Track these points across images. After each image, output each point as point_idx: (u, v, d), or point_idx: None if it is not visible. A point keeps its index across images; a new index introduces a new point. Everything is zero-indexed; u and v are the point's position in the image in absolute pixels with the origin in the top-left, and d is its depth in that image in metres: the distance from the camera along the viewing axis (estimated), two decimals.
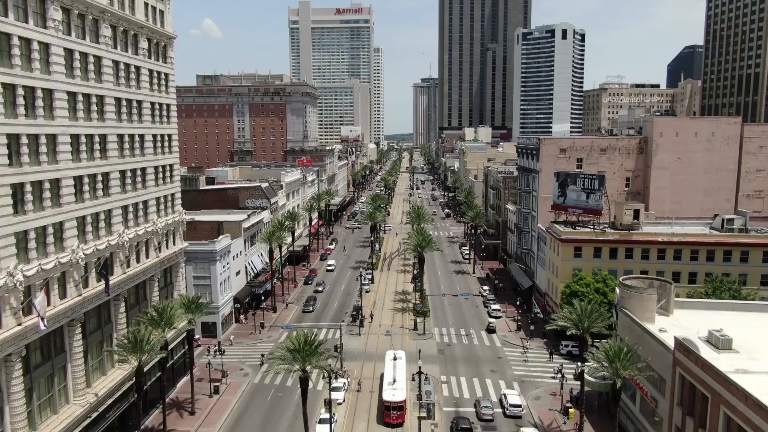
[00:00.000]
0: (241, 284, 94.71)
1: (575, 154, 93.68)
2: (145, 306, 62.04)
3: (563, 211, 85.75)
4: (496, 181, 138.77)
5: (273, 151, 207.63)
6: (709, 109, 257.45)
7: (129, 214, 57.02)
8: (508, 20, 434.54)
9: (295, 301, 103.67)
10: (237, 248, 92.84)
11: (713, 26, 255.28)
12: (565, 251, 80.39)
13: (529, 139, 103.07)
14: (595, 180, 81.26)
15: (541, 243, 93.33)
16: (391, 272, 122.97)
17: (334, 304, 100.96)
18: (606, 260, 79.56)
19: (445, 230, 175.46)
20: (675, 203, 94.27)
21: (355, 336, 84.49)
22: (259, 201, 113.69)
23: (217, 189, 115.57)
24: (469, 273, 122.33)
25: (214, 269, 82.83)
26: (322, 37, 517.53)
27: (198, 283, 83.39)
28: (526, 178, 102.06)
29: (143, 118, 60.21)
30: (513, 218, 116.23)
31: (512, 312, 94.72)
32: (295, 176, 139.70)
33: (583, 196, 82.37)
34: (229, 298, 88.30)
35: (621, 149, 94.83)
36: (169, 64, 66.43)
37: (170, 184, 67.03)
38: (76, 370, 48.14)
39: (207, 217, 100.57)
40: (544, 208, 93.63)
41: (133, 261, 57.92)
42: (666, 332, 53.14)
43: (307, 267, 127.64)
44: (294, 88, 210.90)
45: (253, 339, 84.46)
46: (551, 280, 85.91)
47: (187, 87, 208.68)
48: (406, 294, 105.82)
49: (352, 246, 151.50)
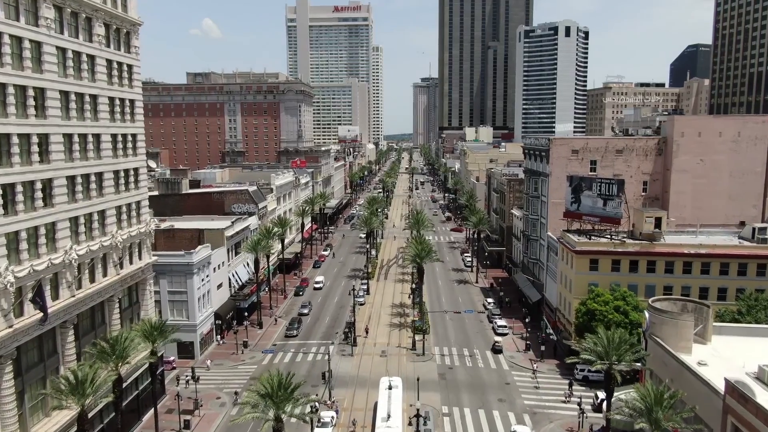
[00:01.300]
0: (224, 298, 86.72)
1: (588, 156, 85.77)
2: (104, 331, 54.09)
3: (577, 219, 77.76)
4: (499, 183, 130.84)
5: (266, 152, 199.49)
6: (718, 108, 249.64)
7: (80, 227, 49.03)
8: (509, 18, 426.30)
9: (284, 314, 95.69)
10: (219, 258, 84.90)
11: (722, 24, 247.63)
12: (579, 264, 72.42)
13: (537, 139, 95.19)
14: (614, 185, 73.29)
15: (551, 253, 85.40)
16: (389, 282, 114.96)
17: (325, 319, 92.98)
18: (625, 274, 71.65)
19: (445, 235, 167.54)
20: (697, 209, 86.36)
21: (347, 357, 76.50)
22: (246, 206, 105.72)
23: (201, 193, 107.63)
24: (471, 282, 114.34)
25: (191, 283, 74.87)
26: (320, 36, 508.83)
27: (174, 299, 75.53)
28: (534, 181, 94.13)
29: (99, 115, 52.24)
30: (519, 224, 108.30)
31: (519, 328, 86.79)
32: (286, 178, 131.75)
33: (599, 203, 74.39)
34: (209, 314, 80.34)
35: (638, 150, 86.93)
36: (134, 54, 58.46)
37: (135, 191, 59.05)
38: (5, 415, 40.16)
39: (188, 223, 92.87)
40: (555, 215, 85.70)
41: (85, 281, 49.93)
42: (706, 366, 45.24)
43: (298, 276, 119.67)
44: (288, 86, 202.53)
45: (234, 360, 76.46)
46: (563, 294, 77.95)
47: (176, 85, 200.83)
48: (404, 307, 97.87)
49: (348, 252, 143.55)
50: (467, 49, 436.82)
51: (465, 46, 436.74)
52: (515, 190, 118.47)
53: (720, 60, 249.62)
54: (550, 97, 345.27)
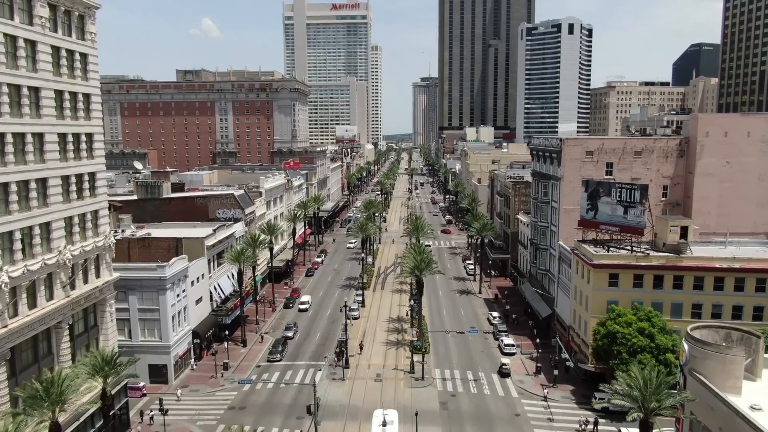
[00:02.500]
0: (204, 313, 79.05)
1: (604, 158, 78.10)
2: (50, 362, 46.41)
3: (593, 229, 70.04)
4: (503, 186, 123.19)
5: (259, 153, 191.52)
6: (727, 107, 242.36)
7: (15, 244, 41.37)
8: (510, 16, 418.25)
9: (272, 330, 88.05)
10: (198, 270, 77.27)
11: (731, 22, 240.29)
12: (597, 279, 64.75)
13: (547, 139, 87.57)
14: (636, 191, 65.58)
15: (563, 264, 77.74)
16: (386, 292, 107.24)
17: (315, 335, 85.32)
18: (649, 291, 63.99)
19: (446, 239, 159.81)
20: (722, 216, 78.72)
21: (338, 381, 68.79)
22: (232, 211, 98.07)
23: (183, 197, 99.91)
24: (474, 293, 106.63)
25: (164, 300, 67.15)
26: (318, 34, 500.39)
27: (145, 317, 67.82)
28: (543, 185, 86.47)
29: (42, 111, 44.57)
30: (526, 231, 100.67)
31: (528, 346, 79.12)
32: (277, 181, 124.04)
33: (619, 211, 66.70)
34: (186, 332, 72.63)
35: (658, 152, 79.28)
36: (89, 41, 50.76)
37: (91, 199, 51.37)
38: None
39: (167, 231, 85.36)
40: (567, 223, 78.07)
41: (23, 307, 42.26)
42: (761, 411, 37.67)
43: (289, 285, 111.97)
44: (281, 84, 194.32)
45: (212, 385, 68.69)
46: (578, 312, 70.26)
47: (165, 83, 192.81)
48: (401, 321, 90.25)
49: (343, 258, 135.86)
50: (468, 48, 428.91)
51: (465, 45, 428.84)
52: (521, 193, 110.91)
53: (730, 56, 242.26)
54: (552, 96, 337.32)
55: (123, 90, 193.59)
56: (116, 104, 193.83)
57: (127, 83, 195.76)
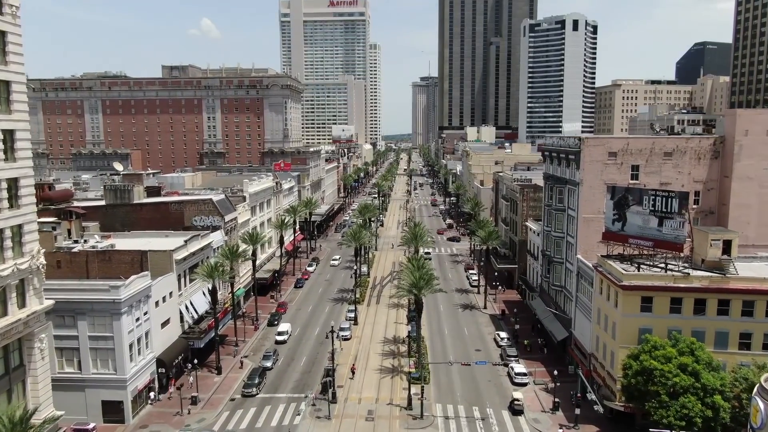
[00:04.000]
0: (172, 337, 69.23)
1: (629, 160, 68.33)
2: None
3: (621, 243, 60.27)
4: (510, 190, 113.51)
5: (249, 154, 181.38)
6: (740, 105, 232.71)
7: None
8: (512, 12, 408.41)
9: (252, 353, 78.36)
10: (165, 288, 67.56)
11: (743, 18, 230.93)
12: (627, 303, 55.00)
13: (562, 138, 77.84)
14: (673, 199, 55.77)
15: (582, 281, 68.03)
16: (381, 307, 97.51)
17: (300, 360, 75.61)
18: (689, 317, 54.26)
19: (446, 245, 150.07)
20: (763, 226, 69.24)
21: (323, 421, 59.00)
22: (210, 218, 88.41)
23: (156, 203, 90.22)
24: (478, 308, 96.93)
25: (119, 326, 57.41)
26: (315, 31, 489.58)
27: (96, 346, 58.09)
28: (557, 190, 76.73)
29: None
30: (536, 240, 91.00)
31: (542, 374, 69.42)
32: (264, 184, 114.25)
33: (653, 222, 56.91)
34: (149, 361, 62.84)
35: (690, 153, 69.54)
36: (8, 17, 40.97)
37: (11, 212, 41.57)
38: None
39: (134, 242, 75.85)
40: (587, 234, 68.37)
41: None
42: None
43: (275, 298, 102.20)
44: (272, 81, 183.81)
45: (177, 424, 58.92)
46: (602, 339, 60.51)
47: (149, 79, 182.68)
48: (398, 342, 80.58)
49: (336, 268, 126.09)
50: (468, 45, 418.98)
51: (466, 42, 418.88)
52: (530, 198, 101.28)
53: (742, 53, 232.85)
54: (556, 95, 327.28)
55: (105, 87, 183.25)
56: (98, 102, 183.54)
57: (109, 80, 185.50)
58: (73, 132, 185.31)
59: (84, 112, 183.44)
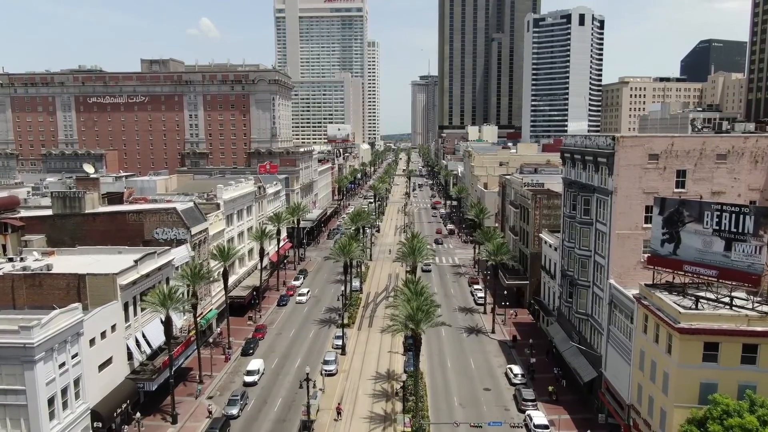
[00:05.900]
0: (116, 380, 56.74)
1: (674, 164, 55.83)
2: None
3: (673, 270, 47.75)
4: (519, 196, 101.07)
5: (234, 154, 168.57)
6: (757, 103, 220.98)
7: None
8: (515, 8, 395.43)
9: (219, 392, 65.91)
10: (106, 321, 55.15)
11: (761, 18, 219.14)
12: (686, 350, 42.52)
13: (589, 138, 65.25)
14: (747, 216, 43.22)
15: (616, 312, 55.59)
16: (374, 331, 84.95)
17: (275, 403, 63.14)
18: (765, 369, 41.83)
19: (447, 254, 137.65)
20: None
21: None
22: (174, 230, 75.95)
23: (111, 213, 77.72)
24: (485, 332, 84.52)
25: (32, 377, 44.94)
26: (311, 28, 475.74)
27: (5, 402, 45.60)
28: (582, 199, 64.23)
29: None
30: (553, 255, 78.67)
31: (566, 423, 57.04)
32: (243, 189, 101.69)
33: (717, 245, 44.38)
34: (79, 415, 50.36)
35: (748, 155, 57.07)
36: None
37: None
38: None
39: (77, 261, 63.70)
40: (622, 254, 55.93)
41: None
42: None
43: (254, 320, 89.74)
44: (259, 75, 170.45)
45: None
46: (648, 391, 47.99)
47: (126, 74, 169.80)
48: (392, 379, 68.13)
49: (326, 281, 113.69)
50: (469, 42, 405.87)
51: (467, 38, 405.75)
52: (544, 205, 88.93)
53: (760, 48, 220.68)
54: (562, 92, 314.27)
55: (78, 82, 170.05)
56: (71, 98, 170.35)
57: (83, 74, 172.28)
58: (44, 131, 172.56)
59: (56, 110, 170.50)
